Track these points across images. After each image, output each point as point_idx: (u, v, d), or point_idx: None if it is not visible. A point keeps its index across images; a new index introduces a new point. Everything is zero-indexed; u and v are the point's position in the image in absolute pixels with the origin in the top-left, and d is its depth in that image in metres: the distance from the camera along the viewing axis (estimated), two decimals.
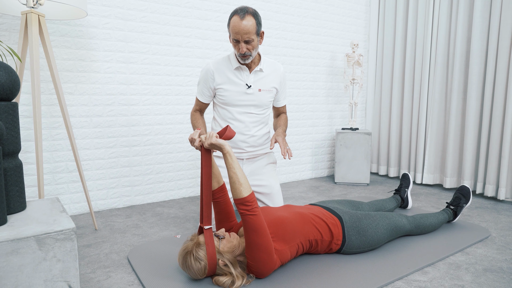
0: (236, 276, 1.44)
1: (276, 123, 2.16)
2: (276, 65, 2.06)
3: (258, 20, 1.81)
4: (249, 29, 1.76)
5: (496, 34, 2.67)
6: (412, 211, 2.42)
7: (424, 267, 1.63)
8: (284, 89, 2.13)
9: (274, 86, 2.04)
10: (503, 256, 1.75)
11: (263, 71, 1.99)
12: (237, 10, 1.79)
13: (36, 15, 1.78)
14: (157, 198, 2.74)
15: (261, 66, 1.97)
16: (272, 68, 2.03)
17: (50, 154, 2.31)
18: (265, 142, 2.13)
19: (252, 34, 1.79)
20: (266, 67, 2.01)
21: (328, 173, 3.69)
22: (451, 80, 2.99)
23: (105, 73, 2.44)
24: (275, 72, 2.04)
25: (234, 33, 1.78)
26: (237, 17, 1.77)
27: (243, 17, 1.75)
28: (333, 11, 3.45)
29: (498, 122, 2.67)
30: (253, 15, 1.79)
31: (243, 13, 1.76)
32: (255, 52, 1.88)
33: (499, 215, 2.39)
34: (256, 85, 1.98)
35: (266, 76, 2.00)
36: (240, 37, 1.78)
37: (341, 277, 1.52)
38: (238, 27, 1.76)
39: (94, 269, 1.63)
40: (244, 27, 1.75)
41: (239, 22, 1.75)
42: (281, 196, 2.11)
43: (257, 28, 1.81)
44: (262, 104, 2.03)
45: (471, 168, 2.87)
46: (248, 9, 1.79)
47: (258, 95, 1.99)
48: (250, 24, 1.76)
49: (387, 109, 3.57)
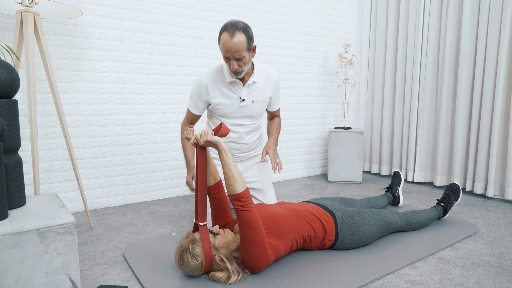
0: (232, 271, 1.46)
1: (269, 128, 2.16)
2: (269, 72, 2.00)
3: (249, 36, 1.73)
4: (240, 46, 1.69)
5: (484, 35, 2.74)
6: (403, 208, 2.47)
7: (415, 262, 1.67)
8: (278, 95, 2.09)
9: (269, 96, 2.01)
10: (491, 251, 1.80)
11: (256, 82, 1.94)
12: (227, 26, 1.71)
13: (32, 13, 1.78)
14: (152, 197, 2.75)
15: (254, 78, 1.91)
16: (265, 77, 1.97)
17: (45, 152, 2.31)
18: (257, 145, 2.17)
19: (243, 51, 1.71)
20: (259, 77, 1.95)
21: (322, 171, 3.73)
22: (441, 80, 3.05)
23: (100, 72, 2.45)
24: (268, 81, 1.98)
25: (225, 50, 1.71)
26: (227, 34, 1.69)
27: (233, 34, 1.67)
28: (326, 12, 3.49)
29: (487, 121, 2.74)
30: (244, 31, 1.70)
31: (233, 29, 1.68)
32: (248, 66, 1.81)
33: (487, 211, 2.45)
34: (249, 98, 1.94)
35: (259, 87, 1.96)
36: (230, 55, 1.71)
37: (334, 272, 1.55)
38: (228, 45, 1.68)
39: (90, 266, 1.65)
40: (234, 45, 1.68)
41: (229, 40, 1.67)
42: (273, 192, 2.15)
43: (248, 45, 1.73)
44: (256, 115, 2.02)
45: (461, 166, 2.94)
46: (238, 25, 1.70)
47: (251, 107, 1.96)
48: (240, 41, 1.68)
49: (379, 109, 3.63)
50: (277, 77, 2.03)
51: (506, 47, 2.58)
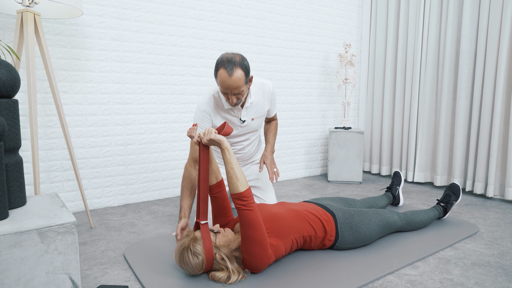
0: (232, 270, 1.46)
1: (266, 132, 2.18)
2: (263, 87, 1.97)
3: (246, 70, 1.70)
4: (238, 83, 1.67)
5: (484, 35, 2.74)
6: (403, 208, 2.47)
7: (415, 262, 1.67)
8: (274, 104, 2.07)
9: (266, 109, 2.02)
10: (491, 251, 1.80)
11: (254, 101, 1.93)
12: (224, 61, 1.66)
13: (32, 13, 1.78)
14: (152, 197, 2.75)
15: (251, 99, 1.90)
16: (261, 94, 1.96)
17: (45, 152, 2.31)
18: (257, 150, 2.21)
19: (242, 87, 1.70)
20: (255, 95, 1.93)
21: (322, 171, 3.73)
22: (441, 80, 3.06)
23: (100, 72, 2.45)
24: (264, 96, 1.97)
25: (224, 88, 1.69)
26: (224, 72, 1.65)
27: (232, 72, 1.64)
28: (326, 12, 3.49)
29: (487, 121, 2.74)
30: (241, 66, 1.67)
31: (230, 66, 1.64)
32: (245, 96, 1.80)
33: (487, 211, 2.45)
34: (249, 117, 1.95)
35: (257, 104, 1.95)
36: (229, 91, 1.70)
37: (334, 272, 1.55)
38: (226, 83, 1.66)
39: (90, 266, 1.65)
40: (233, 83, 1.65)
41: (228, 79, 1.65)
42: (273, 190, 2.17)
43: (246, 79, 1.71)
44: (257, 129, 2.05)
45: (461, 166, 2.94)
46: (235, 60, 1.66)
47: (252, 123, 1.99)
48: (239, 78, 1.66)
49: (379, 109, 3.63)
50: (272, 89, 1.99)
51: (506, 48, 2.58)
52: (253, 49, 3.09)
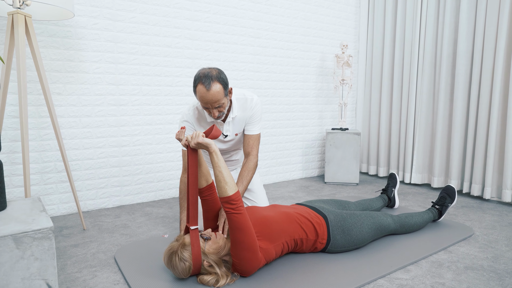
0: (220, 275, 1.45)
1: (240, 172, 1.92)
2: (247, 102, 1.93)
3: (224, 83, 1.71)
4: (218, 97, 1.68)
5: (481, 35, 2.71)
6: (399, 210, 2.45)
7: (407, 265, 1.66)
8: (253, 119, 1.96)
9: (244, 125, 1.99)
10: (485, 254, 1.78)
11: (236, 116, 1.92)
12: (201, 77, 1.68)
13: (23, 15, 1.78)
14: (147, 198, 2.75)
15: (233, 114, 1.89)
16: (243, 108, 1.93)
17: (38, 154, 2.31)
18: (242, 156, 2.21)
19: (222, 99, 1.71)
20: (238, 110, 1.92)
21: (319, 173, 3.72)
22: (438, 81, 3.03)
23: (94, 73, 2.44)
24: (247, 111, 1.94)
25: (204, 103, 1.71)
26: (202, 88, 1.67)
27: (209, 86, 1.66)
28: (323, 12, 3.48)
29: (484, 122, 2.71)
30: (218, 79, 1.69)
31: (208, 81, 1.66)
32: (227, 108, 1.81)
33: (484, 214, 2.43)
34: (232, 132, 1.95)
35: (239, 119, 1.94)
36: (210, 105, 1.71)
37: (325, 275, 1.54)
38: (206, 98, 1.68)
39: (80, 269, 1.64)
40: (212, 97, 1.67)
41: (206, 93, 1.66)
42: (264, 192, 2.15)
43: (225, 91, 1.72)
44: (239, 142, 2.07)
45: (458, 168, 2.92)
46: (211, 75, 1.68)
47: (235, 139, 2.00)
48: (217, 91, 1.68)
49: (377, 110, 3.61)
50: (255, 103, 1.94)
51: (503, 48, 2.56)
52: (249, 50, 3.08)
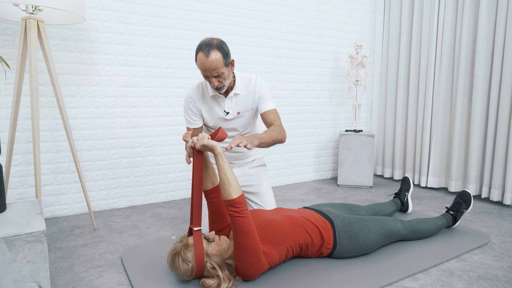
0: (222, 278, 1.45)
1: None
2: (251, 83, 1.93)
3: (224, 52, 1.73)
4: (216, 64, 1.70)
5: (502, 34, 2.60)
6: (412, 215, 2.38)
7: (416, 273, 1.60)
8: (263, 97, 1.93)
9: (252, 107, 1.97)
10: (500, 264, 1.70)
11: (239, 94, 1.92)
12: (202, 45, 1.71)
13: (35, 20, 1.83)
14: (158, 199, 2.77)
15: (236, 91, 1.89)
16: (248, 88, 1.93)
17: (52, 155, 2.37)
18: (253, 152, 2.16)
19: (221, 68, 1.72)
20: (242, 88, 1.92)
21: (332, 175, 3.66)
22: (456, 81, 2.93)
23: (107, 76, 2.48)
24: (251, 92, 1.93)
25: (203, 70, 1.73)
26: (202, 54, 1.70)
27: (208, 53, 1.68)
28: (337, 12, 3.42)
29: (504, 124, 2.60)
30: (218, 48, 1.71)
31: (207, 49, 1.69)
32: (228, 80, 1.81)
33: (502, 220, 2.32)
34: (234, 109, 1.93)
35: (243, 98, 1.93)
36: (209, 73, 1.73)
37: (329, 281, 1.51)
38: (205, 65, 1.70)
39: (87, 269, 1.67)
40: (210, 64, 1.69)
41: (205, 60, 1.69)
42: (272, 196, 2.12)
43: (225, 61, 1.74)
44: (244, 125, 2.02)
45: (477, 171, 2.81)
46: (212, 43, 1.70)
47: (238, 118, 1.97)
48: (216, 59, 1.69)
49: (392, 111, 3.52)
50: (258, 82, 1.93)
51: None
52: (261, 51, 3.06)
